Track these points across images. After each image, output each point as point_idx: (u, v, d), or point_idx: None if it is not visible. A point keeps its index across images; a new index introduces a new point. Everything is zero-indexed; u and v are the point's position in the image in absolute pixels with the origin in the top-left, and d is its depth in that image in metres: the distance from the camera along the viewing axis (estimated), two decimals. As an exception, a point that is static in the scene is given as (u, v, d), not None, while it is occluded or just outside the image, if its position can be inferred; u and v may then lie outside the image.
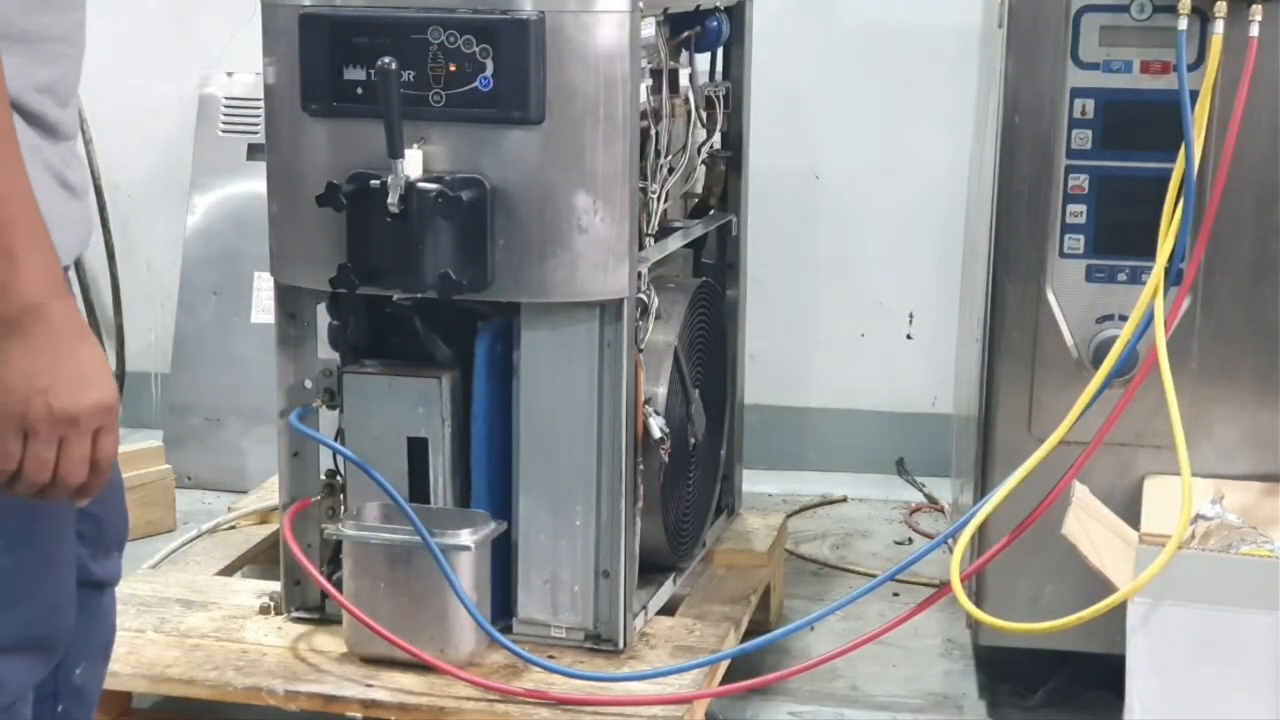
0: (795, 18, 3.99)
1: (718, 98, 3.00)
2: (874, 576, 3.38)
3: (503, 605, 2.64)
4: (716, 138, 3.07)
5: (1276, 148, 2.58)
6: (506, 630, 2.63)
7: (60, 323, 1.49)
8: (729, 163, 3.11)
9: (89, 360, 1.51)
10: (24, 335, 1.47)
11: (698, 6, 2.84)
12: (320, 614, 2.72)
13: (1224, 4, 2.48)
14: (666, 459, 2.69)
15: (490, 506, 2.62)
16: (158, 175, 4.34)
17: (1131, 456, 2.69)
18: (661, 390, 2.71)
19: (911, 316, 4.12)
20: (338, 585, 2.63)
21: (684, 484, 2.88)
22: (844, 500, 3.99)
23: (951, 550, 2.49)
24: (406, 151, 2.41)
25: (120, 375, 4.32)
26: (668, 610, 2.82)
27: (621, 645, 2.61)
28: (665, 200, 2.75)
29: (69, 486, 1.54)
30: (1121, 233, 2.63)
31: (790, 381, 4.17)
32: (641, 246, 2.59)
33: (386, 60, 2.39)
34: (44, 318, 1.47)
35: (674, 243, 2.85)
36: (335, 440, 2.66)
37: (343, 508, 2.69)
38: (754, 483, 3.63)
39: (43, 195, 1.51)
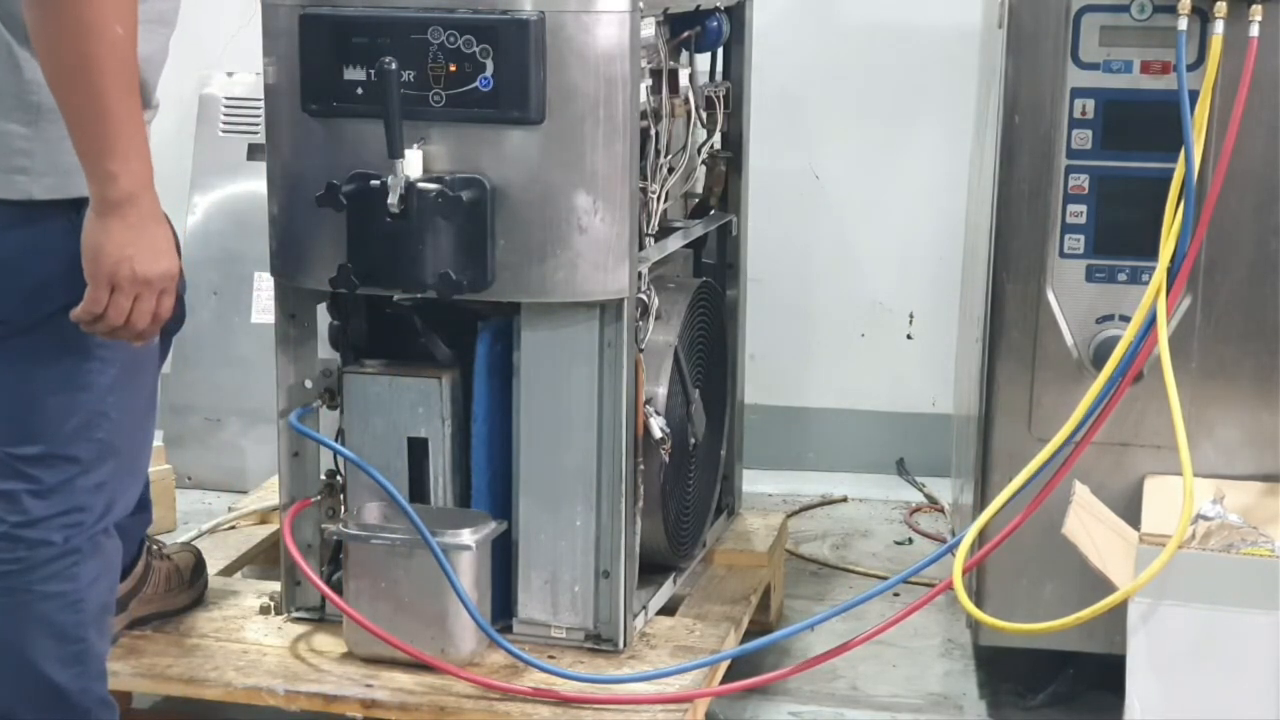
0: (796, 18, 3.99)
1: (718, 98, 3.00)
2: (874, 576, 3.40)
3: (503, 605, 2.64)
4: (716, 138, 3.07)
5: (1276, 148, 2.58)
6: (506, 630, 2.63)
7: (147, 209, 2.02)
8: (729, 163, 3.11)
9: (163, 241, 2.04)
10: (122, 216, 1.99)
11: (698, 6, 2.84)
12: (320, 614, 2.72)
13: (1224, 4, 2.48)
14: (666, 459, 2.69)
15: (490, 506, 2.62)
16: (158, 175, 4.25)
17: (1131, 456, 2.68)
18: (661, 390, 2.71)
19: (911, 316, 4.12)
20: (338, 585, 2.63)
21: (684, 484, 2.88)
22: (844, 500, 3.99)
23: (955, 552, 2.49)
24: (406, 151, 2.41)
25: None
26: (668, 610, 2.82)
27: (622, 645, 2.61)
28: (665, 200, 2.75)
29: (134, 330, 2.03)
30: (1121, 233, 2.63)
31: (790, 381, 4.16)
32: (641, 246, 2.59)
33: (386, 60, 2.39)
34: (138, 204, 2.00)
35: (674, 243, 2.85)
36: (335, 440, 2.66)
37: (343, 508, 2.69)
38: (754, 483, 3.63)
39: None
